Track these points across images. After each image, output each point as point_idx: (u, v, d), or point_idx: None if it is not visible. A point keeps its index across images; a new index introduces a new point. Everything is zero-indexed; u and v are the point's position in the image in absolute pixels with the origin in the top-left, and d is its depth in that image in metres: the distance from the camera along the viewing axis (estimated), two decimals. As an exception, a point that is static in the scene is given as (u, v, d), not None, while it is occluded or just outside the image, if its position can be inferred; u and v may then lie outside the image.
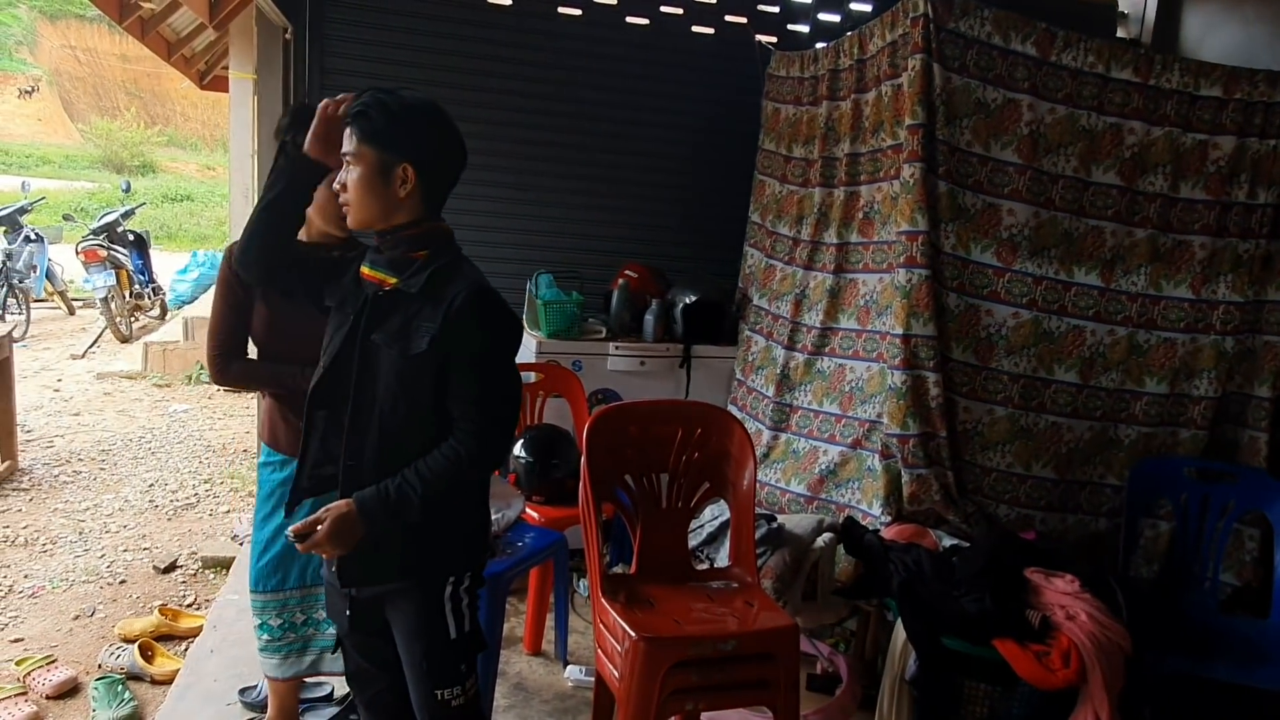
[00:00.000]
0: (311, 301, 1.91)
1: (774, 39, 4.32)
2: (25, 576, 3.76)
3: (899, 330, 2.97)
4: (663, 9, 4.33)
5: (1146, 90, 3.05)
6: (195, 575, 3.89)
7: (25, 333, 8.05)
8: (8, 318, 8.19)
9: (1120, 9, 4.57)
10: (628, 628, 2.21)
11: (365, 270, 1.80)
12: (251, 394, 6.27)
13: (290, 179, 1.81)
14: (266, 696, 2.74)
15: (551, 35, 4.22)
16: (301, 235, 2.04)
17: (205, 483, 4.99)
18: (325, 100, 1.79)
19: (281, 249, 1.84)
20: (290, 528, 1.73)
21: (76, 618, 3.47)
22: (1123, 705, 2.37)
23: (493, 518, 2.77)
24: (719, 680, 2.24)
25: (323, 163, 1.81)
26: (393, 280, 1.76)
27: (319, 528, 1.71)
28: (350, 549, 1.73)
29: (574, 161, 4.32)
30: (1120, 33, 4.56)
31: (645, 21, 4.34)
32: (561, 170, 4.31)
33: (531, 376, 3.53)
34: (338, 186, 1.76)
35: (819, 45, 3.89)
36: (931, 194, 2.95)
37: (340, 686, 2.77)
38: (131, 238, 8.92)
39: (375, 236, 1.80)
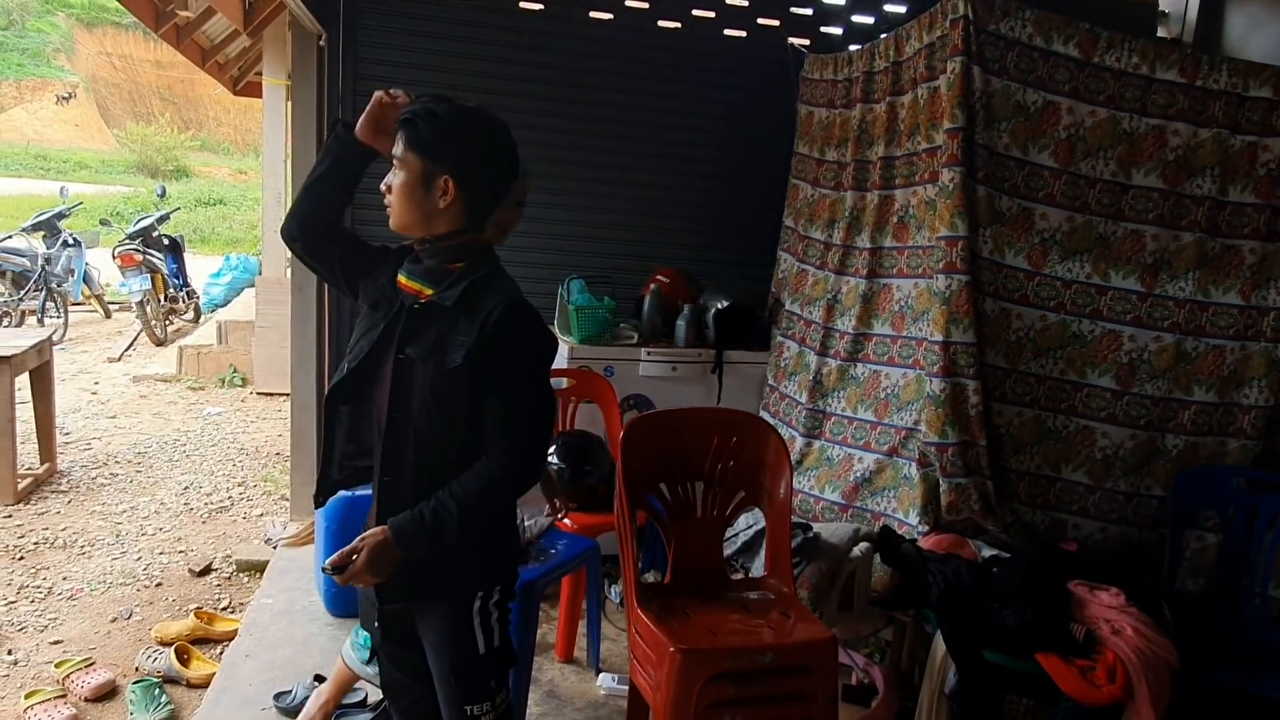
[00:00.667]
0: (347, 290, 1.91)
1: (807, 41, 4.29)
2: (64, 579, 3.80)
3: (938, 337, 2.92)
4: (694, 12, 4.31)
5: (1193, 91, 2.98)
6: (230, 578, 3.92)
7: (63, 336, 8.19)
8: (47, 321, 8.34)
9: (1161, 8, 4.49)
10: (665, 639, 2.19)
11: (402, 279, 1.79)
12: (284, 397, 6.33)
13: (336, 158, 1.84)
14: (301, 701, 2.76)
15: (583, 39, 4.21)
16: None
17: (239, 485, 5.03)
18: (380, 90, 1.80)
19: (322, 225, 1.87)
20: (327, 561, 1.71)
21: (114, 620, 3.51)
22: (1170, 722, 2.32)
23: (525, 524, 2.79)
24: (756, 693, 2.22)
25: (370, 146, 1.81)
26: (429, 291, 1.75)
27: (355, 558, 1.69)
28: (387, 576, 1.72)
29: (605, 166, 4.30)
30: (1161, 32, 4.48)
31: (677, 25, 4.32)
32: (592, 175, 4.30)
33: (563, 382, 3.51)
34: (383, 188, 1.76)
35: (853, 48, 3.85)
36: (970, 198, 2.90)
37: (375, 692, 2.77)
38: (166, 242, 9.05)
39: (415, 244, 1.80)
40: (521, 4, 4.15)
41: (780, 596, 2.51)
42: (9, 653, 3.21)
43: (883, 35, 3.50)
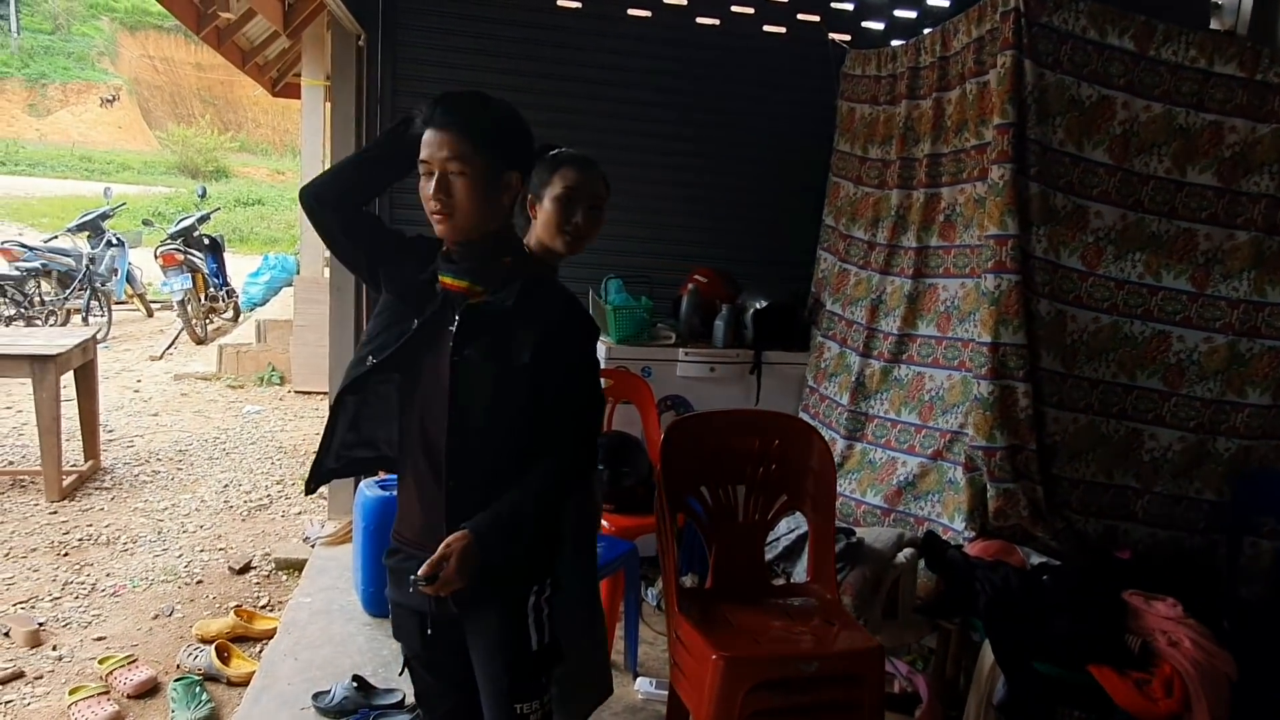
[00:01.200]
0: (366, 274, 1.85)
1: (848, 37, 4.22)
2: (107, 575, 3.85)
3: (986, 338, 2.86)
4: (733, 9, 4.27)
5: (1252, 86, 2.89)
6: (269, 576, 3.94)
7: (107, 335, 8.32)
8: (91, 320, 8.48)
9: (1214, -1, 4.36)
10: (707, 646, 2.15)
11: (447, 280, 1.72)
12: (322, 396, 6.38)
13: (393, 152, 1.77)
14: (340, 701, 2.76)
15: (621, 38, 4.18)
16: None
17: (278, 484, 5.07)
18: None
19: (349, 200, 1.79)
20: (419, 572, 1.65)
21: (156, 617, 3.54)
22: (1230, 738, 2.24)
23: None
24: (800, 702, 2.17)
25: None
26: (480, 289, 1.72)
27: (445, 564, 1.64)
28: (469, 581, 1.68)
29: (642, 164, 4.26)
30: (1214, 24, 4.35)
31: (715, 22, 4.27)
32: (630, 174, 4.24)
33: (601, 383, 3.49)
34: (437, 197, 1.66)
35: (895, 43, 3.78)
36: (1022, 196, 2.83)
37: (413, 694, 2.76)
38: (207, 242, 9.16)
39: (451, 244, 1.73)
40: (559, 2, 4.13)
41: (823, 603, 2.46)
42: (54, 649, 3.25)
43: (927, 30, 3.44)
